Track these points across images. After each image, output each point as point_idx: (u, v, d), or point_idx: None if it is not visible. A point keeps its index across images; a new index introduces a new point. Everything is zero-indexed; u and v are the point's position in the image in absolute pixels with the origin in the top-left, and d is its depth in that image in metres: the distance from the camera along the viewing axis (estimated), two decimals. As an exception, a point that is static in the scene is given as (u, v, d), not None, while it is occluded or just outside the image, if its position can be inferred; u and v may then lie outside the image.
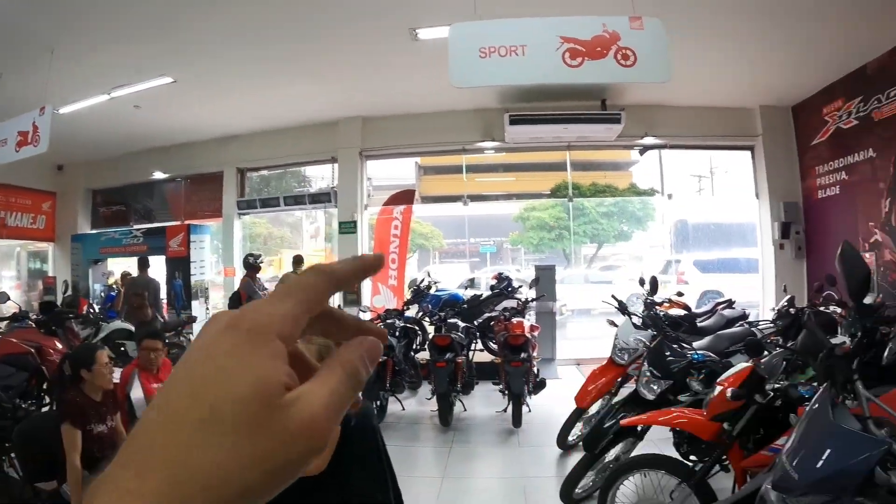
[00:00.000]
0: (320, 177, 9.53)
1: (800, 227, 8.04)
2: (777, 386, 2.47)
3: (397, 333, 6.28)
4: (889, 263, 6.51)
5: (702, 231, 12.41)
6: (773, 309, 5.26)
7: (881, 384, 3.01)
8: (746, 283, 9.06)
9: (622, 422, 3.19)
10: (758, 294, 8.46)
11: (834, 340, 2.02)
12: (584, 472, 3.57)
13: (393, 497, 2.79)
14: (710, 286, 10.30)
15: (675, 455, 3.24)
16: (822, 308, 4.81)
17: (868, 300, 5.69)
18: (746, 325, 5.04)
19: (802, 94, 7.83)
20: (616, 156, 10.85)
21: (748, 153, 8.62)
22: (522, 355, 5.41)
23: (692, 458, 3.22)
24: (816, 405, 1.67)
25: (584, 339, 9.59)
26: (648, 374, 3.64)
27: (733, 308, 5.81)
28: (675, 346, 3.81)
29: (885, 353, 3.86)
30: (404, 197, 9.07)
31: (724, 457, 2.65)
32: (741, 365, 2.74)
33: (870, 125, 6.70)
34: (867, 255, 6.75)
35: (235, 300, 7.78)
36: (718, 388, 2.66)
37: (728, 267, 11.11)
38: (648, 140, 8.35)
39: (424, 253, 15.60)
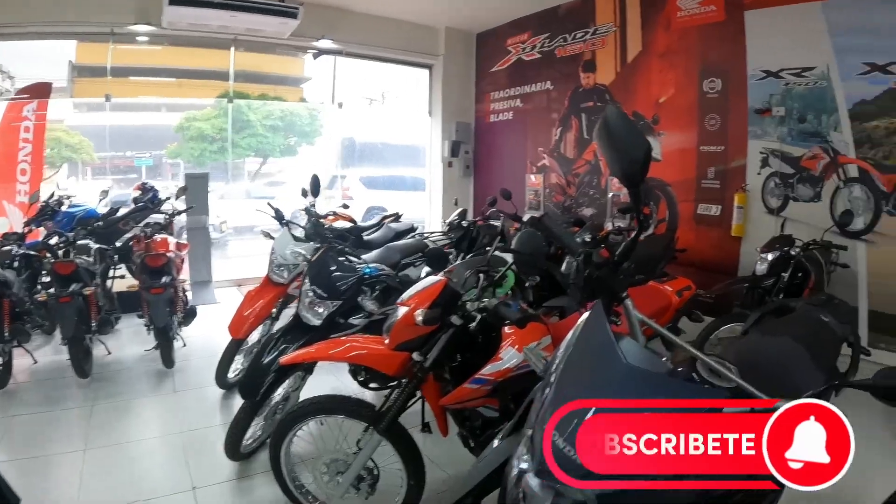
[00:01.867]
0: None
1: (469, 147, 8.57)
2: (482, 304, 2.06)
3: (16, 264, 4.53)
4: (555, 186, 7.39)
5: (369, 148, 12.60)
6: (445, 222, 5.27)
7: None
8: (411, 201, 9.36)
9: (281, 360, 2.50)
10: (423, 211, 8.86)
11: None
12: (249, 420, 2.87)
13: None
14: (375, 202, 10.43)
15: (355, 385, 2.83)
16: (492, 221, 5.00)
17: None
18: (418, 237, 4.91)
19: (490, 22, 8.11)
20: (287, 69, 9.88)
21: (427, 71, 8.70)
22: (164, 279, 4.33)
23: (372, 385, 2.82)
24: (591, 335, 1.19)
25: (246, 256, 8.87)
26: (311, 293, 2.97)
27: (400, 221, 5.70)
28: (342, 259, 3.20)
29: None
30: (38, 90, 6.64)
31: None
32: (429, 280, 2.29)
33: (551, 60, 7.30)
34: (534, 177, 7.56)
35: None
36: (402, 310, 2.16)
37: (394, 184, 11.41)
38: (325, 43, 7.60)
39: (74, 167, 12.64)
